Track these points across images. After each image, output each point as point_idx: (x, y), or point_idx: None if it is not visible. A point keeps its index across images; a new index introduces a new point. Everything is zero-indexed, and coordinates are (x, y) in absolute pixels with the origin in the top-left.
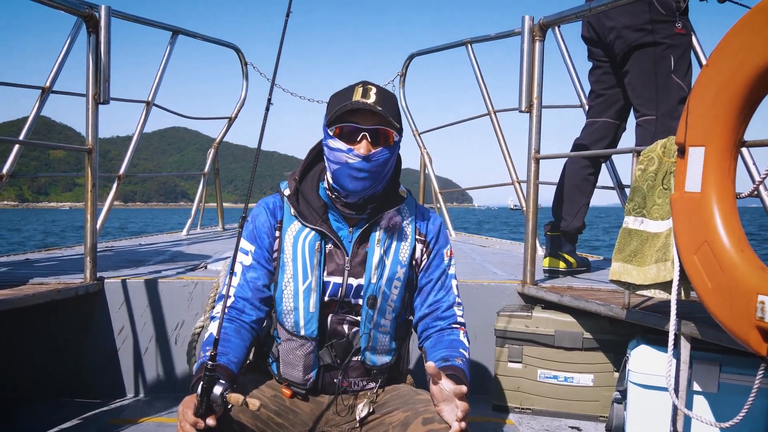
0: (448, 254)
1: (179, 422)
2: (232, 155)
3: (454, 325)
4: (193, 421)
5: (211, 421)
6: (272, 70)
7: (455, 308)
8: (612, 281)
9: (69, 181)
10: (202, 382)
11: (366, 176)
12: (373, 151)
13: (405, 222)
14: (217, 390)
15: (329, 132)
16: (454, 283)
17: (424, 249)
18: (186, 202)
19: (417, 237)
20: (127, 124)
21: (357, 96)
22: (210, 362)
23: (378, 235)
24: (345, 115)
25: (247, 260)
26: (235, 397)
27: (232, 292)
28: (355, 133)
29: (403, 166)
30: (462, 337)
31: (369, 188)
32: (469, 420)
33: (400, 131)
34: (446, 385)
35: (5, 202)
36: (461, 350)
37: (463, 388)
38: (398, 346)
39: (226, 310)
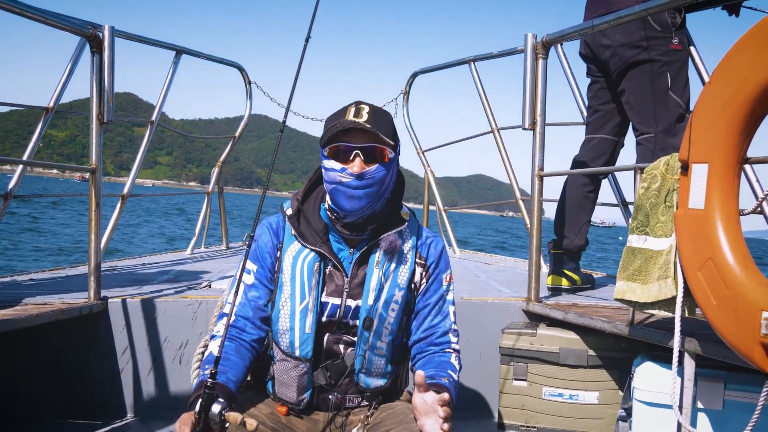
0: (447, 279)
1: None
2: (294, 143)
3: (447, 350)
4: None
5: None
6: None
7: (450, 335)
8: (617, 300)
9: (150, 159)
10: (200, 400)
11: (361, 195)
12: (367, 169)
13: (405, 245)
14: (216, 408)
15: (324, 153)
16: (451, 309)
17: (424, 273)
18: (260, 188)
19: (417, 260)
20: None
21: (349, 115)
22: (210, 380)
23: (377, 257)
24: (338, 135)
25: (250, 279)
26: (233, 416)
27: (233, 310)
28: (348, 152)
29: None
30: (453, 360)
31: (366, 207)
32: None
33: (394, 148)
34: (429, 396)
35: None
36: (449, 371)
37: (445, 396)
38: (395, 369)
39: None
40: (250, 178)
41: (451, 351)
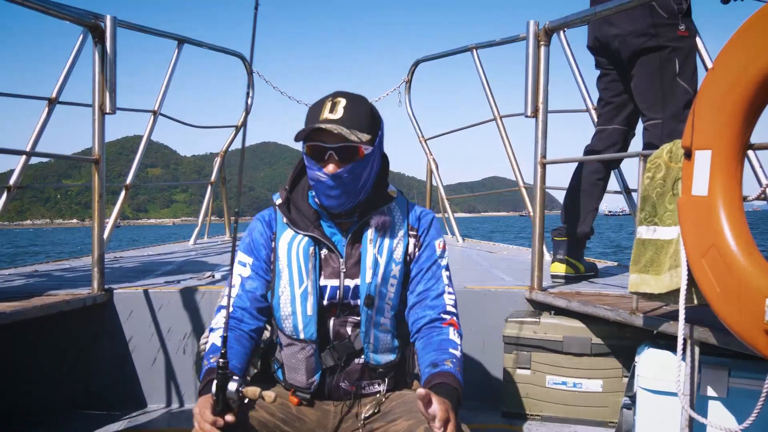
0: (440, 246)
1: (198, 423)
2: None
3: (444, 315)
4: (212, 420)
5: (230, 417)
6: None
7: (445, 296)
8: (632, 293)
9: (166, 198)
10: (216, 381)
11: (339, 193)
12: (341, 169)
13: (396, 219)
14: (232, 386)
15: (303, 148)
16: (445, 273)
17: (416, 243)
18: None
19: (409, 233)
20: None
21: (324, 112)
22: (222, 360)
23: (370, 234)
24: (312, 133)
25: (246, 272)
26: (251, 391)
27: (230, 302)
28: (322, 152)
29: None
30: (452, 335)
31: (347, 203)
32: (478, 426)
33: (372, 142)
34: (433, 408)
35: (107, 220)
36: (451, 350)
37: (443, 408)
38: (401, 344)
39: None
40: (268, 205)
41: (448, 317)
